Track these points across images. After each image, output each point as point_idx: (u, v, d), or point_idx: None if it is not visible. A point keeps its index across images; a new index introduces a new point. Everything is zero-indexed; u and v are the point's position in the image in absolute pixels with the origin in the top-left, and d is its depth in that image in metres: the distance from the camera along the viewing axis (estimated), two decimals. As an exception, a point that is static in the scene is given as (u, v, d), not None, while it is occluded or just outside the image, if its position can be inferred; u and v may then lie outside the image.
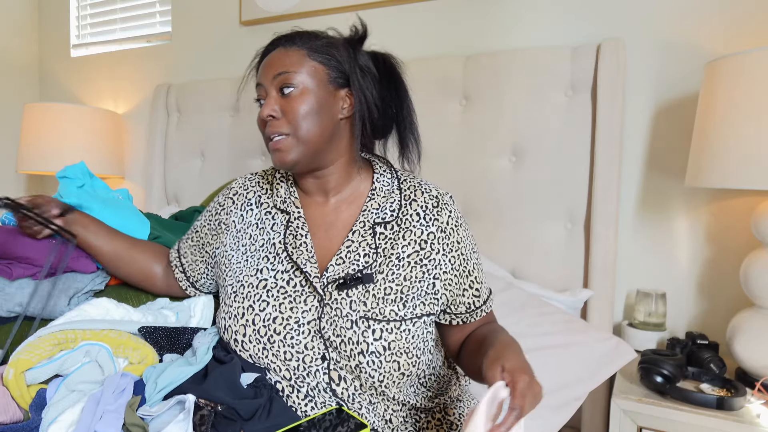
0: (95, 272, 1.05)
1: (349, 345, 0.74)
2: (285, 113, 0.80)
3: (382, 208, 0.83)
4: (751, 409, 0.99)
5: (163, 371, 0.75)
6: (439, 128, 1.52)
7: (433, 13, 1.64)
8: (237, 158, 1.87)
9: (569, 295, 1.31)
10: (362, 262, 0.79)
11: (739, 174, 1.01)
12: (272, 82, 0.80)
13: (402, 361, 0.76)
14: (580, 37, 1.45)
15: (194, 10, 2.06)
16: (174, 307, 0.95)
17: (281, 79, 0.80)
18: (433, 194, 0.85)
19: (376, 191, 0.85)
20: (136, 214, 1.22)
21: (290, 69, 0.80)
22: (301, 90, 0.80)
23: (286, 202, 0.86)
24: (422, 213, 0.82)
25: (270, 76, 0.81)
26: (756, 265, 1.10)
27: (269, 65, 0.82)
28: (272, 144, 0.81)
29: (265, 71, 0.82)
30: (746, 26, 1.28)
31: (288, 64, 0.80)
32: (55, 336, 0.78)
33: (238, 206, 0.88)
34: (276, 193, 0.88)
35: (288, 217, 0.85)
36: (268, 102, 0.80)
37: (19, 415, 0.72)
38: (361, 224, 0.82)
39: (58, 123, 2.00)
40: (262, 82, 0.82)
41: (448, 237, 0.82)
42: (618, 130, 1.32)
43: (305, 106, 0.79)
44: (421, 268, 0.79)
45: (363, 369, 0.74)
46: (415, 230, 0.81)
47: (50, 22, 2.44)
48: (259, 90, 0.83)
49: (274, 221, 0.85)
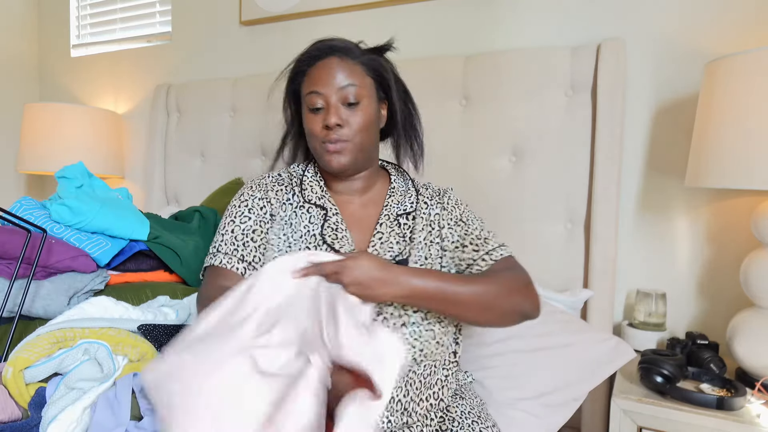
0: (95, 272, 1.05)
1: (392, 320, 0.81)
2: (347, 123, 0.87)
3: (401, 203, 0.95)
4: (751, 409, 0.99)
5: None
6: (439, 128, 1.52)
7: (433, 13, 1.64)
8: (237, 158, 1.87)
9: (569, 295, 1.31)
10: (396, 249, 0.89)
11: (739, 174, 1.01)
12: (337, 92, 0.87)
13: (437, 330, 0.84)
14: (580, 37, 1.45)
15: (194, 10, 2.06)
16: (174, 304, 0.95)
17: (347, 92, 0.87)
18: (436, 188, 1.00)
19: (395, 190, 0.97)
20: (135, 213, 1.22)
21: (355, 82, 0.88)
22: (363, 105, 0.89)
23: (323, 199, 0.93)
24: (429, 201, 0.96)
25: (335, 86, 0.87)
26: (756, 265, 1.10)
27: (331, 75, 0.87)
28: (331, 147, 0.87)
29: (327, 80, 0.87)
30: (746, 26, 1.28)
31: (352, 77, 0.88)
32: (54, 334, 0.78)
33: (280, 198, 0.93)
34: (311, 190, 0.94)
35: (325, 212, 0.91)
36: (335, 111, 0.87)
37: (17, 414, 0.71)
38: (386, 217, 0.92)
39: (58, 123, 1.99)
40: (321, 90, 0.87)
41: (450, 213, 0.95)
42: (618, 130, 1.32)
43: (365, 120, 0.89)
44: (436, 246, 0.92)
45: (405, 339, 0.81)
46: (425, 215, 0.94)
47: (50, 22, 2.44)
48: (315, 98, 0.88)
49: (310, 214, 0.91)
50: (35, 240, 0.93)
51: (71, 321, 0.82)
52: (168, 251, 1.20)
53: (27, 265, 0.94)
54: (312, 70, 0.90)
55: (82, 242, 1.08)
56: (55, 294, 0.95)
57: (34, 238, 0.93)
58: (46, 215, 1.11)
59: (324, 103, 0.88)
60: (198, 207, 1.47)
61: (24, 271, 0.93)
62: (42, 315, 0.96)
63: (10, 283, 0.88)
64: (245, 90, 1.84)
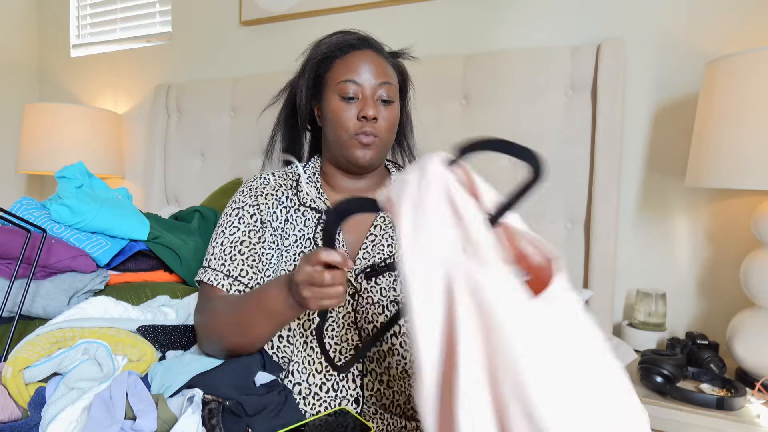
0: (95, 271, 1.05)
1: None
2: (383, 119, 0.87)
3: None
4: (751, 409, 0.99)
5: (171, 368, 0.75)
6: (439, 128, 1.51)
7: (433, 13, 1.64)
8: (237, 158, 1.87)
9: (569, 295, 1.31)
10: (387, 251, 0.85)
11: (739, 174, 1.01)
12: (376, 87, 0.87)
13: None
14: (580, 37, 1.45)
15: (194, 10, 2.06)
16: (174, 304, 0.95)
17: (384, 89, 0.87)
18: None
19: None
20: (135, 213, 1.22)
21: (392, 82, 0.89)
22: (394, 105, 0.89)
23: (317, 202, 0.90)
24: None
25: (375, 81, 0.86)
26: (756, 265, 1.09)
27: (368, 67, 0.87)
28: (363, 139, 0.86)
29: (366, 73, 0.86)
30: (746, 26, 1.28)
31: (388, 76, 0.88)
32: (54, 334, 0.78)
33: (270, 204, 0.90)
34: (306, 191, 0.92)
35: (320, 215, 0.88)
36: (372, 104, 0.86)
37: (17, 414, 0.71)
38: (381, 219, 0.89)
39: (58, 123, 1.99)
40: (358, 80, 0.86)
41: None
42: (618, 130, 1.32)
43: (395, 120, 0.89)
44: None
45: (396, 351, 0.79)
46: None
47: (50, 22, 2.44)
48: (350, 86, 0.86)
49: (305, 218, 0.89)
50: (35, 240, 0.93)
51: (71, 321, 0.82)
52: (168, 251, 1.20)
53: (27, 265, 0.94)
54: (348, 57, 0.88)
55: (82, 242, 1.07)
56: (54, 294, 0.95)
57: (34, 238, 0.93)
58: (46, 215, 1.11)
59: (359, 94, 0.86)
60: (198, 207, 1.47)
61: (24, 270, 0.93)
62: (42, 315, 0.95)
63: (10, 283, 0.88)
64: (245, 90, 1.84)
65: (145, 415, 0.65)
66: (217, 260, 0.86)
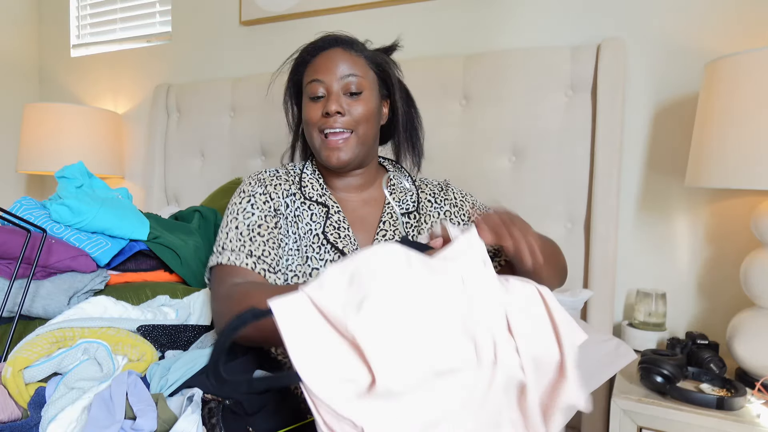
0: (95, 271, 1.05)
1: None
2: (348, 112, 0.86)
3: (403, 201, 0.93)
4: (751, 409, 0.99)
5: (170, 367, 0.75)
6: (439, 128, 1.52)
7: (433, 13, 1.64)
8: (237, 158, 1.87)
9: (569, 295, 1.31)
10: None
11: (739, 174, 1.01)
12: (339, 81, 0.86)
13: None
14: (580, 37, 1.45)
15: (194, 10, 2.06)
16: (174, 304, 0.95)
17: (350, 81, 0.86)
18: (434, 183, 0.99)
19: (395, 188, 0.96)
20: (135, 213, 1.22)
21: (358, 73, 0.87)
22: (365, 96, 0.87)
23: (324, 197, 0.91)
24: (433, 199, 0.95)
25: (337, 75, 0.86)
26: (756, 265, 1.09)
27: (333, 64, 0.86)
28: (330, 142, 0.86)
29: (329, 69, 0.86)
30: (746, 26, 1.28)
31: (355, 68, 0.87)
32: (53, 334, 0.78)
33: (280, 194, 0.91)
34: (311, 187, 0.92)
35: (327, 210, 0.89)
36: (335, 99, 0.85)
37: (17, 413, 0.71)
38: (388, 215, 0.91)
39: (58, 123, 1.99)
40: (323, 78, 0.86)
41: (460, 209, 0.94)
42: (618, 130, 1.32)
43: (366, 111, 0.87)
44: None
45: None
46: (432, 214, 0.93)
47: (50, 22, 2.44)
48: (317, 86, 0.87)
49: (312, 212, 0.90)
50: (35, 240, 0.93)
51: (71, 321, 0.82)
52: (168, 251, 1.19)
53: (27, 265, 0.94)
54: (315, 59, 0.89)
55: (82, 242, 1.07)
56: (54, 294, 0.95)
57: (34, 238, 0.93)
58: (46, 215, 1.11)
59: (325, 92, 0.86)
60: (198, 207, 1.47)
61: (24, 270, 0.93)
62: (42, 315, 0.95)
63: (10, 283, 0.88)
64: (245, 90, 1.84)
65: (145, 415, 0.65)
66: (235, 242, 0.82)
